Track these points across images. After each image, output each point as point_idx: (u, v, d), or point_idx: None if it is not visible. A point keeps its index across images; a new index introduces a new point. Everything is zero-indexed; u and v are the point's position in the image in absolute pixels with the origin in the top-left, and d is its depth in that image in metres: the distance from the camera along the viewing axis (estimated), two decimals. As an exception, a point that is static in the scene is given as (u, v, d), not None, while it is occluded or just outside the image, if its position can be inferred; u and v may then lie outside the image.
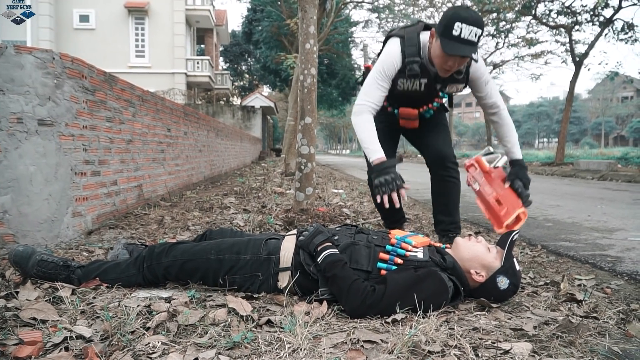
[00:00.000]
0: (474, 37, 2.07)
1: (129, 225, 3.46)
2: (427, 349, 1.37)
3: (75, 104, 2.97)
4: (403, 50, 2.35)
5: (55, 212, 2.76)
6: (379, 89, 2.38)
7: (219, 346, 1.37)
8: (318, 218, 3.66)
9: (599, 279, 2.38)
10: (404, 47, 2.35)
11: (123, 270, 1.90)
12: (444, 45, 2.10)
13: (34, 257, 1.88)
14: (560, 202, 6.05)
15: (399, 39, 2.39)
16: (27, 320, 1.50)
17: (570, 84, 16.58)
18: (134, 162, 4.17)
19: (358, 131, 2.36)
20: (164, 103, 5.18)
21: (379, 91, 2.38)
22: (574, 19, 16.22)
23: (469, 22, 2.05)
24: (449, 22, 2.07)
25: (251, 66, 37.21)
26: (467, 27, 2.04)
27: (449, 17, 2.09)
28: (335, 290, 1.72)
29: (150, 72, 22.19)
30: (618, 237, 3.59)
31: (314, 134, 4.11)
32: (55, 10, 20.78)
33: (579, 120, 62.90)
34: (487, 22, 19.71)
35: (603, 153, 24.54)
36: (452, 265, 1.86)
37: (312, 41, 4.06)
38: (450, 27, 2.06)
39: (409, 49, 2.34)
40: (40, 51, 2.69)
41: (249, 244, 1.90)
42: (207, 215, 4.00)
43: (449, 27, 2.06)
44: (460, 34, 2.05)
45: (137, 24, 22.22)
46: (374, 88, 2.37)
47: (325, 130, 78.47)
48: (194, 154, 6.84)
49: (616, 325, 1.67)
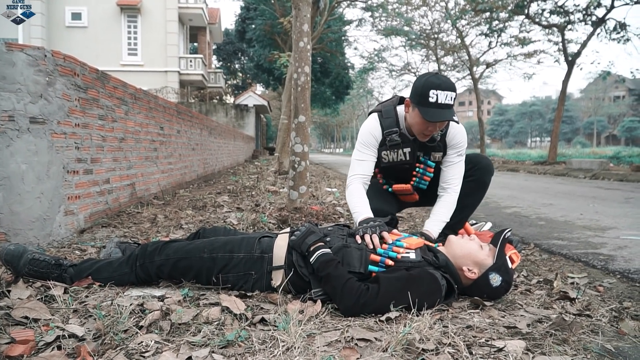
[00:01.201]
0: (450, 100, 2.16)
1: (122, 223, 3.44)
2: (421, 347, 1.37)
3: (67, 101, 2.94)
4: (381, 123, 2.46)
5: (48, 211, 2.74)
6: (363, 160, 2.50)
7: (212, 345, 1.36)
8: (311, 216, 3.66)
9: (591, 277, 2.40)
10: (381, 120, 2.46)
11: (115, 269, 1.89)
12: (424, 113, 2.17)
13: (26, 255, 1.87)
14: (553, 201, 6.09)
15: (377, 114, 2.50)
16: (19, 319, 1.48)
17: (563, 83, 16.68)
18: (127, 160, 4.14)
19: (348, 202, 2.46)
20: (156, 101, 5.15)
21: (363, 162, 2.50)
22: (567, 19, 16.32)
23: (442, 87, 2.13)
24: (424, 90, 2.14)
25: (244, 64, 37.09)
26: (442, 92, 2.12)
27: (422, 86, 2.16)
28: (329, 289, 1.71)
29: (143, 70, 22.06)
30: (610, 236, 3.62)
31: (307, 133, 4.10)
32: (47, 8, 20.60)
33: (572, 119, 63.28)
34: (480, 21, 19.80)
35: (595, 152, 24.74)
36: (445, 263, 1.87)
37: (305, 39, 4.05)
38: (426, 96, 2.14)
39: (386, 121, 2.44)
40: (31, 49, 2.66)
41: (242, 242, 1.89)
42: (200, 213, 3.99)
43: (425, 95, 2.14)
44: (437, 100, 2.13)
45: (129, 22, 22.08)
46: (356, 163, 2.51)
47: (319, 129, 78.48)
48: (187, 152, 6.81)
49: (609, 323, 1.68)
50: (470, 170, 2.57)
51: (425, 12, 21.96)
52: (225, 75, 34.06)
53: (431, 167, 2.51)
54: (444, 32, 23.51)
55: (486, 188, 2.66)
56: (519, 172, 14.46)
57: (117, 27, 21.83)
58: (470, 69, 23.48)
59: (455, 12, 19.47)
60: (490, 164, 2.66)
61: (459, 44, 22.85)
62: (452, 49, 24.23)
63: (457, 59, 25.77)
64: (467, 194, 2.57)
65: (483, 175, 2.61)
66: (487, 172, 2.62)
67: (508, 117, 74.21)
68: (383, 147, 2.48)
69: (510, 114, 74.54)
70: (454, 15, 19.09)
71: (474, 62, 23.45)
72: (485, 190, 2.67)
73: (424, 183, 2.57)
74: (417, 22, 22.39)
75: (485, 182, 2.63)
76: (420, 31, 22.71)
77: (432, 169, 2.52)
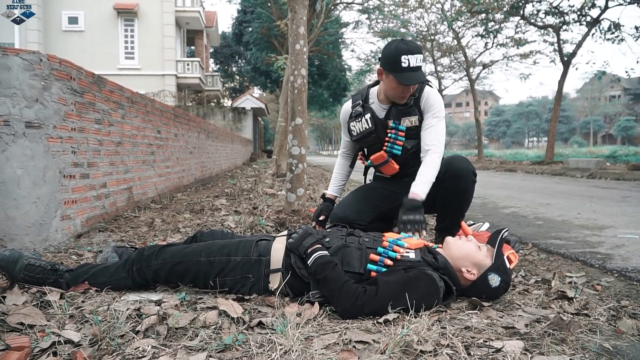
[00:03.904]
0: (420, 62, 2.34)
1: (119, 228, 3.43)
2: (419, 348, 1.36)
3: (63, 106, 2.94)
4: (352, 102, 2.74)
5: (44, 216, 2.73)
6: (343, 138, 2.94)
7: (209, 349, 1.35)
8: (309, 219, 3.65)
9: (589, 276, 2.40)
10: (352, 99, 2.75)
11: (112, 273, 1.88)
12: (399, 78, 2.33)
13: (21, 261, 1.86)
14: (551, 201, 6.09)
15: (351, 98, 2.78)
16: (14, 325, 1.47)
17: (559, 84, 16.73)
18: (124, 164, 4.13)
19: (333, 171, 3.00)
20: (153, 105, 5.14)
21: (343, 140, 2.95)
22: (562, 19, 16.37)
23: (412, 52, 2.30)
24: (396, 57, 2.31)
25: (242, 67, 37.13)
26: (412, 56, 2.30)
27: (393, 53, 2.32)
28: (327, 292, 1.71)
29: (140, 74, 22.04)
30: (608, 235, 3.62)
31: (304, 135, 4.10)
32: (43, 12, 20.57)
33: (568, 119, 63.46)
34: (476, 23, 19.86)
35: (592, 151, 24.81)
36: (444, 265, 1.87)
37: (302, 42, 4.05)
38: (398, 62, 2.31)
39: (354, 99, 2.73)
40: (27, 53, 2.65)
41: (240, 245, 1.89)
42: (197, 217, 3.98)
43: (397, 62, 2.31)
44: (409, 64, 2.30)
45: (126, 26, 22.06)
46: (342, 139, 2.97)
47: (317, 132, 78.45)
48: (184, 155, 6.80)
49: (607, 322, 1.68)
50: (443, 177, 2.46)
51: (422, 13, 22.02)
52: (222, 78, 34.08)
53: (402, 131, 2.55)
54: (440, 33, 23.58)
55: (466, 193, 2.52)
56: (516, 172, 14.48)
57: (114, 30, 21.81)
58: (467, 70, 23.54)
59: (451, 13, 19.49)
60: (464, 167, 2.49)
61: (456, 45, 22.92)
62: (448, 50, 24.30)
63: (454, 60, 25.84)
64: (445, 200, 2.54)
65: (456, 182, 2.48)
66: (458, 177, 2.47)
67: (505, 117, 74.38)
68: (350, 120, 2.71)
69: (507, 114, 74.70)
70: (450, 17, 19.11)
71: (470, 63, 23.51)
72: (466, 195, 2.53)
73: (397, 148, 2.58)
74: (413, 24, 22.46)
75: (461, 188, 2.49)
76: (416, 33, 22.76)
77: (403, 133, 2.56)
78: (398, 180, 2.72)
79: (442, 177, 2.46)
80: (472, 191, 2.55)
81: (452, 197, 2.51)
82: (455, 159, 2.55)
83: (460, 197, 2.53)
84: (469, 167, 2.51)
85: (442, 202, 2.55)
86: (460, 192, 2.51)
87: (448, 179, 2.48)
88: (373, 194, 2.77)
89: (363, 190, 2.85)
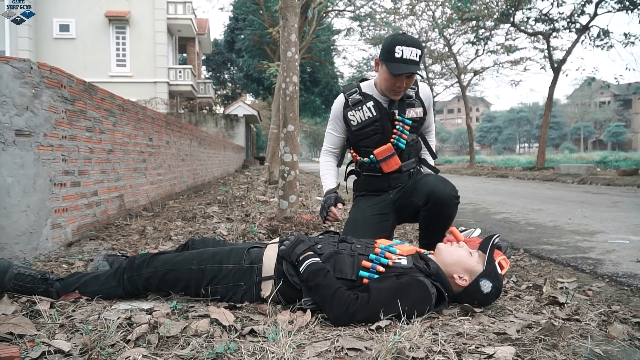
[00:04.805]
0: (415, 56, 2.27)
1: (110, 236, 3.41)
2: (412, 355, 1.36)
3: (54, 113, 2.92)
4: (344, 94, 2.61)
5: (34, 224, 2.71)
6: (331, 134, 2.71)
7: (201, 358, 1.34)
8: (302, 226, 3.65)
9: (580, 282, 2.41)
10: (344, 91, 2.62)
11: (103, 282, 1.86)
12: (390, 68, 2.28)
13: (11, 270, 1.84)
14: (542, 206, 6.13)
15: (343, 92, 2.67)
16: (3, 335, 1.46)
17: (549, 90, 16.89)
18: (115, 172, 4.12)
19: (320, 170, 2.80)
20: (145, 112, 5.13)
21: (331, 136, 2.71)
22: (552, 26, 16.55)
23: (407, 44, 2.25)
24: (390, 47, 2.27)
25: (234, 75, 37.15)
26: (407, 48, 2.25)
27: (389, 43, 2.29)
28: (319, 299, 1.71)
29: (132, 81, 21.98)
30: (598, 240, 3.65)
31: (296, 142, 4.10)
32: (34, 19, 20.44)
33: (559, 125, 63.92)
34: (467, 30, 20.03)
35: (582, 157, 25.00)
36: (435, 271, 1.87)
37: (293, 49, 4.07)
38: (392, 52, 2.26)
39: (347, 89, 2.60)
40: (17, 60, 2.64)
41: (231, 253, 1.88)
42: (189, 224, 3.96)
43: (391, 51, 2.26)
44: (402, 55, 2.25)
45: (118, 33, 22.02)
46: (327, 136, 2.75)
47: (309, 138, 78.55)
48: (176, 163, 6.78)
49: (598, 327, 1.69)
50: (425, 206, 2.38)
51: (413, 21, 22.20)
52: (214, 86, 34.07)
53: (408, 124, 2.51)
54: (431, 40, 23.78)
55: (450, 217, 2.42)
56: (508, 178, 14.56)
57: (105, 38, 21.76)
58: (458, 77, 23.71)
59: (442, 21, 19.68)
60: (446, 194, 2.35)
61: (447, 52, 23.10)
62: (440, 57, 24.48)
63: (445, 67, 26.04)
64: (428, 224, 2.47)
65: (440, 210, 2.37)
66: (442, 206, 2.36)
67: (496, 123, 74.80)
68: (347, 109, 2.55)
69: (499, 120, 75.14)
70: (441, 24, 19.30)
71: (461, 69, 23.69)
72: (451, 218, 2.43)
73: (402, 142, 2.51)
74: (405, 31, 22.58)
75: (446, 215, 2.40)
76: (408, 40, 22.86)
77: (409, 127, 2.52)
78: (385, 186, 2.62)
79: (424, 207, 2.37)
80: (455, 212, 2.46)
81: (436, 222, 2.44)
82: (437, 188, 2.37)
83: (445, 221, 2.44)
84: (451, 192, 2.36)
85: (425, 225, 2.48)
86: (444, 218, 2.42)
87: (431, 208, 2.36)
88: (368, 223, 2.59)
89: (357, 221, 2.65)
